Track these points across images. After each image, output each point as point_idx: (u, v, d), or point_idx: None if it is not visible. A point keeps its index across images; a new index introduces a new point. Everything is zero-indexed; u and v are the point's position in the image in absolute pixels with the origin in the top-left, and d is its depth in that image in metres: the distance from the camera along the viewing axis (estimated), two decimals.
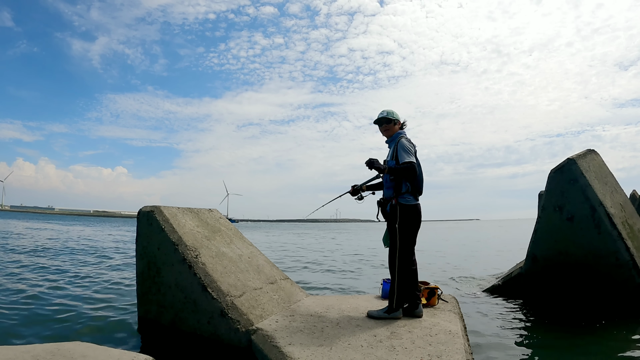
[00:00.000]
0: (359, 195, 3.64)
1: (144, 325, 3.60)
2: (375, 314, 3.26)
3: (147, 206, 3.64)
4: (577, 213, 4.81)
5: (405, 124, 3.48)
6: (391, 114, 3.42)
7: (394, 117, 3.42)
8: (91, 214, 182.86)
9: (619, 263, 4.53)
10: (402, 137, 3.33)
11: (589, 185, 4.72)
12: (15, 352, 2.29)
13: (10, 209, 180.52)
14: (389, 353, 2.50)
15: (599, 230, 4.65)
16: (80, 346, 2.51)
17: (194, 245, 3.42)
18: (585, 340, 3.93)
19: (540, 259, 5.25)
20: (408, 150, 3.20)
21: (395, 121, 3.41)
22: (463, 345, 2.64)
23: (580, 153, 5.09)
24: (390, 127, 3.42)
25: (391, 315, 3.20)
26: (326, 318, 3.24)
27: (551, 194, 5.07)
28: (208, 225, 4.01)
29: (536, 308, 5.15)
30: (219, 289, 3.14)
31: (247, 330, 2.92)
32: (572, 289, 4.90)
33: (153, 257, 3.51)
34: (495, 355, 3.54)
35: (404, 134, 3.40)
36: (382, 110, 3.46)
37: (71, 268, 8.45)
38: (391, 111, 3.44)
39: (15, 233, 20.02)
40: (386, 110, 3.44)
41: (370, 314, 3.29)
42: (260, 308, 3.24)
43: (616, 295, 4.59)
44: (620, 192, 5.31)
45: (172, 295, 3.35)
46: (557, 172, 5.02)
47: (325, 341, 2.70)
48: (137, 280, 3.66)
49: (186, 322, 3.24)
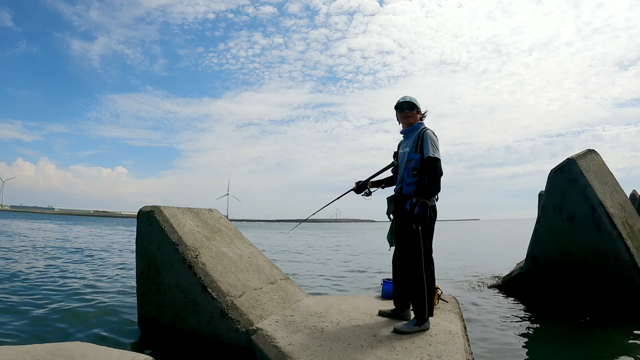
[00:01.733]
0: (366, 191, 3.39)
1: (144, 325, 3.60)
2: (405, 329, 2.85)
3: (147, 206, 3.64)
4: (577, 213, 4.81)
5: (426, 114, 3.19)
6: (415, 100, 3.13)
7: (418, 104, 3.14)
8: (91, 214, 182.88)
9: (619, 263, 4.53)
10: (427, 128, 3.03)
11: (589, 185, 4.72)
12: (15, 352, 2.29)
13: (10, 209, 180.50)
14: (389, 353, 2.50)
15: (599, 230, 4.65)
16: (80, 346, 2.51)
17: (194, 245, 3.42)
18: (585, 340, 3.93)
19: (541, 259, 5.25)
20: (436, 145, 2.91)
21: (418, 109, 3.14)
22: (463, 345, 2.64)
23: (580, 153, 5.10)
24: (413, 114, 3.13)
25: (422, 326, 2.86)
26: (326, 318, 3.23)
27: (551, 194, 5.07)
28: (208, 225, 4.01)
29: (536, 308, 5.14)
30: (219, 289, 3.14)
31: (247, 330, 2.92)
32: (572, 289, 4.89)
33: (153, 257, 3.51)
34: (495, 355, 3.54)
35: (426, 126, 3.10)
36: (404, 96, 3.17)
37: (71, 268, 8.45)
38: (414, 98, 3.15)
39: (15, 233, 20.02)
40: (409, 96, 3.15)
41: (399, 329, 2.87)
42: (260, 308, 3.24)
43: (616, 295, 4.58)
44: (620, 192, 5.31)
45: (172, 295, 3.34)
46: (557, 172, 5.02)
47: (325, 341, 2.70)
48: (137, 280, 3.66)
49: (186, 322, 3.24)
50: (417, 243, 2.88)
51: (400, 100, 3.17)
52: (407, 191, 2.99)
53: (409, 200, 2.97)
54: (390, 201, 3.16)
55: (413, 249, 2.91)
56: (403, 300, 3.22)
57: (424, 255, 2.88)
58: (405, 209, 3.00)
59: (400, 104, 3.16)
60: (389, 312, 3.30)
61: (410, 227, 2.91)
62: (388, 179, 3.40)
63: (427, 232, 2.92)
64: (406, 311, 3.22)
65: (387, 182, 3.41)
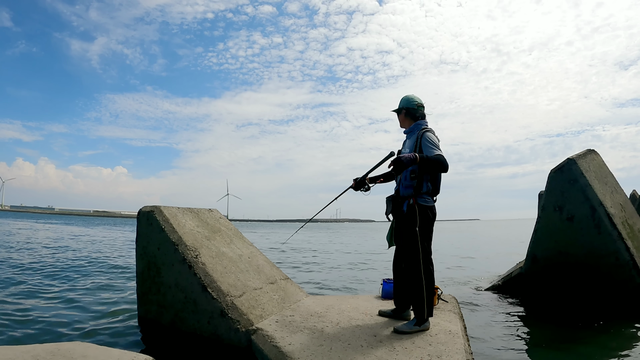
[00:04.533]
0: (365, 187, 3.27)
1: (144, 325, 3.60)
2: (405, 329, 2.84)
3: (147, 206, 3.64)
4: (577, 213, 4.81)
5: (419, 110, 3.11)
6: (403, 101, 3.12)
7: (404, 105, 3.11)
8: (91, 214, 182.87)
9: (619, 263, 4.54)
10: (426, 129, 2.97)
11: (589, 185, 4.72)
12: (15, 352, 2.29)
13: (10, 209, 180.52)
14: (389, 353, 2.50)
15: (599, 230, 4.65)
16: (80, 346, 2.51)
17: (194, 245, 3.42)
18: (585, 340, 3.93)
19: (541, 259, 5.25)
20: (436, 145, 2.87)
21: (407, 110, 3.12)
22: (463, 345, 2.64)
23: (580, 153, 5.10)
24: (402, 117, 3.14)
25: (422, 327, 2.86)
26: (326, 318, 3.23)
27: (551, 194, 5.07)
28: (208, 225, 4.01)
29: (536, 308, 5.15)
30: (219, 289, 3.14)
31: (247, 330, 2.92)
32: (572, 289, 4.90)
33: (153, 257, 3.51)
34: (495, 355, 3.54)
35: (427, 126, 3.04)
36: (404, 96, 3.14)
37: (71, 268, 8.45)
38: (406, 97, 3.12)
39: (15, 233, 20.02)
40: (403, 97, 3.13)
41: (399, 329, 2.85)
42: (260, 308, 3.24)
43: (616, 295, 4.59)
44: (620, 192, 5.31)
45: (172, 295, 3.35)
46: (557, 172, 5.02)
47: (325, 341, 2.70)
48: (137, 280, 3.66)
49: (186, 322, 3.24)
50: (415, 244, 2.89)
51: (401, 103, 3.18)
52: (404, 193, 3.00)
53: (406, 202, 2.97)
54: (388, 201, 3.15)
55: (411, 250, 2.92)
56: (403, 300, 3.22)
57: (422, 256, 2.87)
58: (402, 210, 2.99)
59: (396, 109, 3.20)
60: (389, 312, 3.29)
61: (407, 228, 2.93)
62: (387, 173, 3.31)
63: (425, 234, 2.92)
64: (406, 311, 3.22)
65: (385, 177, 3.34)
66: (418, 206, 2.91)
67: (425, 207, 2.94)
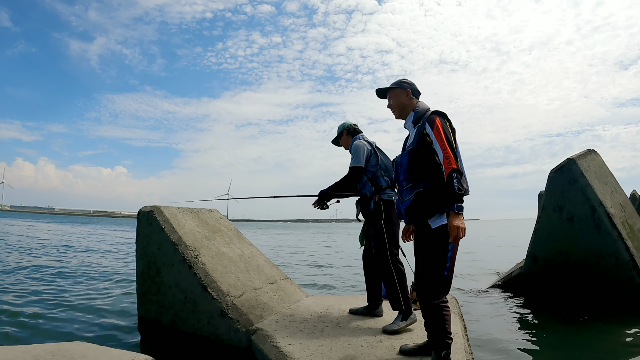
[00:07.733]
0: (322, 204, 3.31)
1: (144, 325, 3.60)
2: (394, 327, 2.89)
3: (147, 206, 3.63)
4: (577, 213, 4.82)
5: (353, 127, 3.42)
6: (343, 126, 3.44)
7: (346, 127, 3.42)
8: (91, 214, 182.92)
9: (619, 263, 4.54)
10: (357, 139, 3.28)
11: (589, 185, 4.72)
12: (15, 352, 2.29)
13: (10, 209, 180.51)
14: (389, 353, 2.50)
15: (599, 231, 4.65)
16: (80, 346, 2.51)
17: (194, 245, 3.42)
18: (585, 340, 3.93)
19: (540, 259, 5.25)
20: (357, 154, 3.14)
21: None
22: (463, 345, 2.64)
23: (580, 153, 5.10)
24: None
25: (409, 320, 2.92)
26: (326, 318, 3.24)
27: (551, 194, 5.07)
28: (208, 225, 4.01)
29: (536, 308, 5.14)
30: (219, 289, 3.14)
31: (247, 330, 2.92)
32: (572, 289, 4.90)
33: (153, 257, 3.50)
34: (495, 355, 3.54)
35: (361, 136, 3.33)
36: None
37: (71, 267, 8.46)
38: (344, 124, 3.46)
39: (15, 233, 20.02)
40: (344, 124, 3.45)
41: (386, 329, 2.90)
42: (260, 308, 3.24)
43: (616, 295, 4.59)
44: (620, 192, 5.31)
45: (172, 296, 3.34)
46: (557, 172, 5.02)
47: (325, 341, 2.71)
48: (137, 280, 3.65)
49: (186, 322, 3.24)
50: (382, 238, 3.03)
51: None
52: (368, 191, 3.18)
53: (372, 200, 3.12)
54: (357, 204, 3.30)
55: (377, 243, 3.06)
56: (374, 297, 3.30)
57: (388, 249, 3.01)
58: (369, 208, 3.13)
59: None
60: (361, 310, 3.35)
61: (374, 223, 3.09)
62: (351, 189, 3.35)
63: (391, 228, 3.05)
64: (379, 308, 3.30)
65: (348, 193, 3.40)
66: (383, 202, 3.09)
67: (390, 201, 3.11)
